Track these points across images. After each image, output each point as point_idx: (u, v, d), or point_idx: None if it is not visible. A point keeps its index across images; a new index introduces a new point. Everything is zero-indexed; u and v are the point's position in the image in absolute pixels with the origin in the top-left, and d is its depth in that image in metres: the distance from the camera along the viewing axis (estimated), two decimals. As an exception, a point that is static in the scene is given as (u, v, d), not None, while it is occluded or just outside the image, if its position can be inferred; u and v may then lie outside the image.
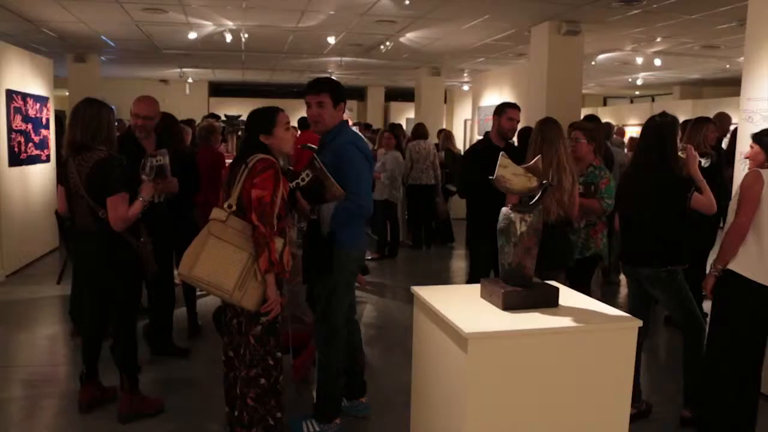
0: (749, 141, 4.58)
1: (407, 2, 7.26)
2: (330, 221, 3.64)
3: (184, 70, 15.45)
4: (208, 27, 9.32)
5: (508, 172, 2.70)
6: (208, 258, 3.15)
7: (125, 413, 4.02)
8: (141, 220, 3.91)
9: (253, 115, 3.43)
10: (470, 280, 5.93)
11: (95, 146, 3.76)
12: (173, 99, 16.66)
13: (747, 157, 3.76)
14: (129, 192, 3.78)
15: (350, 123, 6.87)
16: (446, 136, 11.17)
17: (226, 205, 3.21)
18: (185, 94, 18.14)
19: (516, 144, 6.50)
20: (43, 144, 8.92)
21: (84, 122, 3.77)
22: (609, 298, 4.43)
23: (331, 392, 3.89)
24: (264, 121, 3.35)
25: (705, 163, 4.02)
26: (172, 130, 5.28)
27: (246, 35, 9.78)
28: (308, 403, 4.15)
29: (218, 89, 20.13)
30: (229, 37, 9.71)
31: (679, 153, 3.96)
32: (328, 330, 3.83)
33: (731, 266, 3.58)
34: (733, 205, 3.62)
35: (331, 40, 10.08)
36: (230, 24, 9.14)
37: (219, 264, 3.13)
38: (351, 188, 3.61)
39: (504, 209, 2.78)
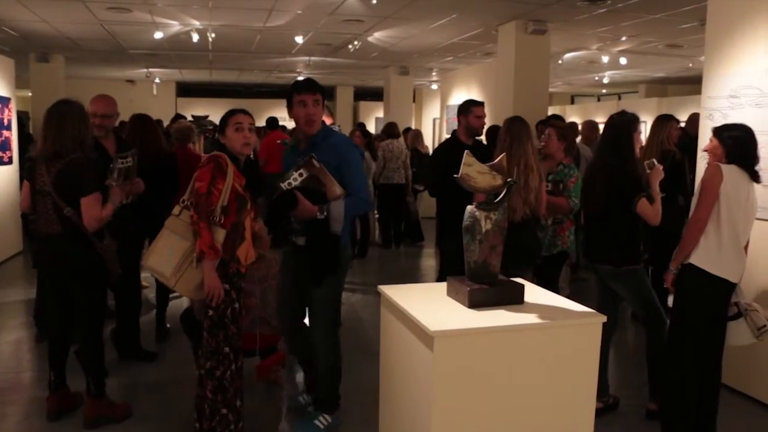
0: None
1: (374, 2, 7.26)
2: (342, 219, 3.66)
3: (150, 70, 15.29)
4: (175, 26, 9.23)
5: (472, 170, 2.71)
6: (158, 248, 3.36)
7: (91, 417, 3.96)
8: (109, 221, 3.89)
9: None
10: (440, 278, 5.95)
11: (69, 154, 3.72)
12: (140, 99, 16.46)
13: (705, 150, 3.82)
14: (102, 193, 3.79)
15: (330, 122, 6.90)
16: (414, 135, 11.18)
17: (181, 200, 3.37)
18: (152, 95, 17.95)
19: (484, 142, 6.54)
20: (4, 146, 8.74)
21: (56, 133, 3.73)
22: (578, 295, 4.46)
23: (335, 384, 3.99)
24: (220, 122, 3.56)
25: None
26: (147, 130, 5.22)
27: (213, 35, 9.71)
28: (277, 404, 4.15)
29: (186, 89, 19.95)
30: (195, 37, 9.62)
31: (647, 170, 4.00)
32: (331, 327, 3.93)
33: (692, 260, 3.64)
34: (695, 200, 3.68)
35: (299, 39, 10.04)
36: (197, 23, 9.06)
37: (164, 253, 3.33)
38: (354, 185, 3.73)
39: (469, 207, 2.79)
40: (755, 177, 3.61)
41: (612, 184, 3.95)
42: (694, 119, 7.38)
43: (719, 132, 3.71)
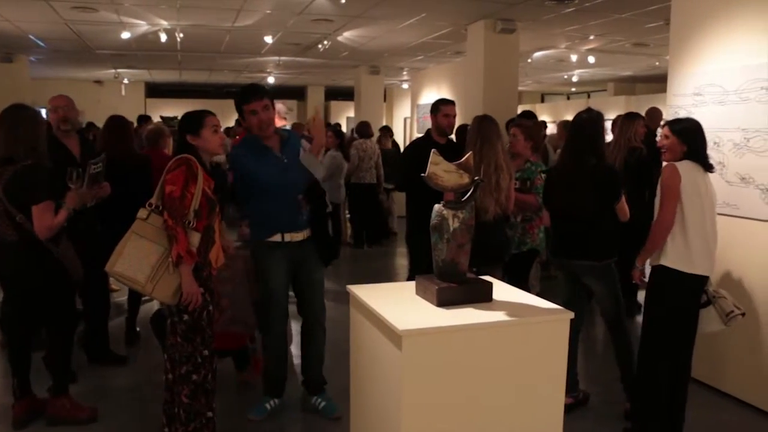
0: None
1: (343, 1, 7.25)
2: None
3: (118, 70, 15.11)
4: (142, 26, 9.13)
5: (439, 169, 2.72)
6: (127, 254, 3.24)
7: (52, 415, 3.94)
8: (65, 226, 3.84)
9: (183, 117, 3.58)
10: (411, 277, 5.97)
11: (21, 160, 3.66)
12: (109, 100, 16.31)
13: (661, 146, 3.83)
14: (54, 200, 3.71)
15: (283, 124, 6.93)
16: (383, 134, 11.17)
17: (148, 204, 3.30)
18: (121, 96, 17.73)
19: (454, 139, 6.55)
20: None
21: (8, 138, 3.68)
22: (549, 292, 4.49)
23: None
24: (192, 122, 3.48)
25: None
26: (124, 131, 5.15)
27: (181, 35, 9.61)
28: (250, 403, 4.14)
29: (155, 90, 19.76)
30: (164, 37, 9.52)
31: None
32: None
33: (662, 261, 3.67)
34: (657, 201, 3.72)
35: (269, 39, 9.99)
36: (165, 23, 8.97)
37: (135, 259, 3.22)
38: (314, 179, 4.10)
39: (436, 206, 2.80)
40: (708, 167, 3.67)
41: (598, 182, 3.98)
42: (651, 113, 7.49)
43: (673, 125, 3.75)
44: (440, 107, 5.04)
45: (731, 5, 4.48)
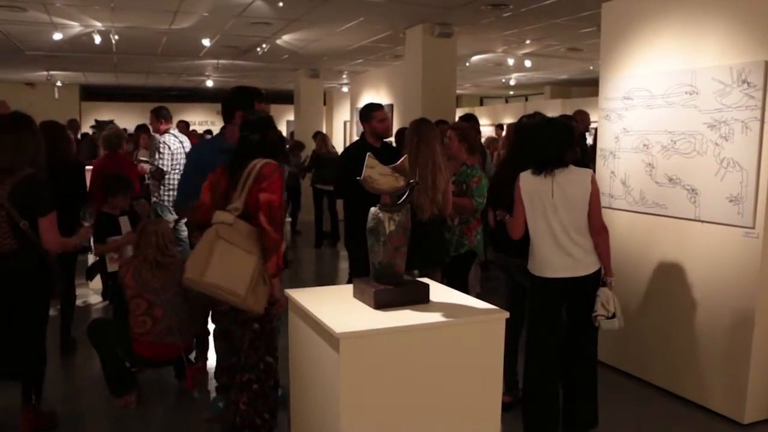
0: (611, 137, 4.87)
1: (281, 4, 7.22)
2: None
3: (51, 72, 14.69)
4: (75, 27, 8.90)
5: (375, 172, 2.74)
6: (219, 262, 3.03)
7: (30, 430, 3.80)
8: None
9: (266, 120, 3.48)
10: (351, 279, 5.98)
11: (21, 171, 3.59)
12: (41, 104, 15.81)
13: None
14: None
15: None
16: (322, 139, 11.13)
17: (231, 208, 3.15)
18: (54, 99, 17.23)
19: (393, 144, 6.60)
20: None
21: (10, 148, 3.57)
22: (489, 293, 4.55)
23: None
24: (265, 126, 3.45)
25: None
26: (58, 138, 4.99)
27: (116, 37, 9.42)
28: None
29: (90, 93, 19.29)
30: (98, 39, 9.30)
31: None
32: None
33: (528, 267, 3.89)
34: None
35: (206, 42, 9.88)
36: (98, 25, 8.76)
37: (231, 268, 3.05)
38: None
39: (372, 209, 2.82)
40: (535, 171, 3.79)
41: None
42: (579, 115, 7.69)
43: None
44: (373, 114, 4.98)
45: (658, 13, 4.64)
